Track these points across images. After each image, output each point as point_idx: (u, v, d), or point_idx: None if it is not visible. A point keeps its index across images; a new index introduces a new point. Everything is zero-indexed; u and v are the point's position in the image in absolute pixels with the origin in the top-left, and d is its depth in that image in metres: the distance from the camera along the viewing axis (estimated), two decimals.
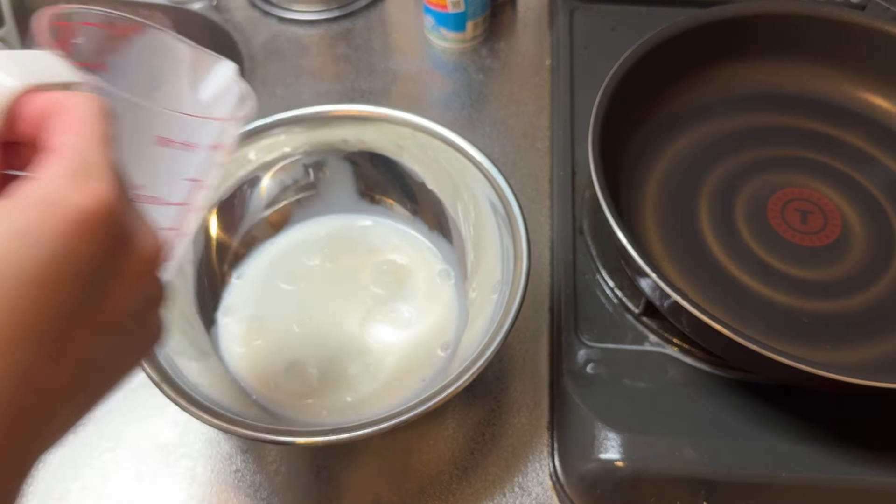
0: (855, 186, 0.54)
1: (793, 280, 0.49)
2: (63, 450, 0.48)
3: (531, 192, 0.61)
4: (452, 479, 0.47)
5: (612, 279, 0.51)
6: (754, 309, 0.48)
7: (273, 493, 0.47)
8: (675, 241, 0.52)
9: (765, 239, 0.51)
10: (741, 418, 0.45)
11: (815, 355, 0.46)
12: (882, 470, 0.43)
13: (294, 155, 0.53)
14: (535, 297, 0.54)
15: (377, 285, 0.51)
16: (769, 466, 0.43)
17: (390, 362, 0.48)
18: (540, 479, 0.47)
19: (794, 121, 0.58)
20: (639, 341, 0.49)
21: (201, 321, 0.48)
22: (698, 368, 0.47)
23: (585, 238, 0.54)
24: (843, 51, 0.58)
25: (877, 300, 0.49)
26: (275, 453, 0.48)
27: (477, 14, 0.69)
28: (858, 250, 0.51)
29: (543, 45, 0.72)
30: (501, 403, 0.50)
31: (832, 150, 0.57)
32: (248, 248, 0.53)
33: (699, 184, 0.54)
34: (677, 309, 0.42)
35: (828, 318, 0.48)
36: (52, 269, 0.21)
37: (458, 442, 0.49)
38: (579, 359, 0.48)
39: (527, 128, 0.65)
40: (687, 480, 0.43)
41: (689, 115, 0.58)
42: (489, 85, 0.69)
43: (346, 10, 0.75)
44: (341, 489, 0.47)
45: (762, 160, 0.56)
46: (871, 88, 0.58)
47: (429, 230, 0.53)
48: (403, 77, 0.70)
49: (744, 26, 0.57)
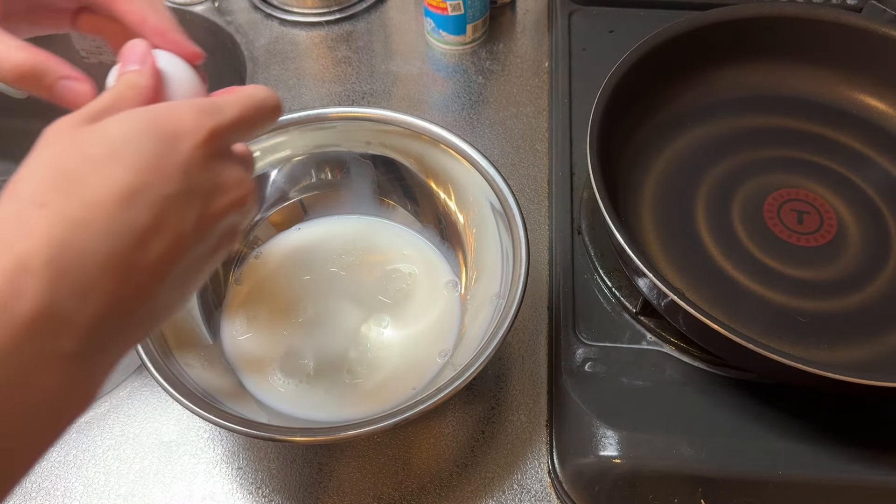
0: (851, 187, 0.55)
1: (789, 280, 0.50)
2: (66, 447, 0.49)
3: (530, 193, 0.61)
4: (452, 477, 0.48)
5: (610, 279, 0.52)
6: (751, 308, 0.49)
7: (275, 491, 0.47)
8: (673, 241, 0.52)
9: (761, 239, 0.52)
10: (738, 416, 0.45)
11: (812, 354, 0.46)
12: (878, 468, 0.43)
13: (296, 156, 0.53)
14: (534, 297, 0.55)
15: (384, 294, 0.51)
16: (766, 464, 0.43)
17: (387, 364, 0.48)
18: (538, 476, 0.48)
19: (790, 122, 0.59)
20: (636, 340, 0.49)
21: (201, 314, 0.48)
22: (695, 367, 0.48)
23: (584, 238, 0.54)
24: (839, 53, 0.58)
25: (873, 300, 0.49)
26: (276, 451, 0.49)
27: (476, 17, 0.70)
28: (854, 250, 0.51)
29: (542, 47, 0.72)
30: (501, 401, 0.50)
31: (828, 151, 0.57)
32: (250, 248, 0.53)
33: (696, 184, 0.55)
34: (675, 308, 0.42)
35: (824, 318, 0.48)
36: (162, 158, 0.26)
37: (457, 439, 0.49)
38: (577, 357, 0.48)
39: (526, 129, 0.66)
40: (684, 478, 0.44)
41: (687, 117, 0.58)
42: (488, 87, 0.69)
43: (347, 12, 0.75)
44: (342, 486, 0.47)
45: (759, 161, 0.56)
46: (868, 90, 0.59)
47: (440, 241, 0.53)
48: (404, 79, 0.70)
49: (741, 29, 0.58)
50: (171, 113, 0.27)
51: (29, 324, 0.23)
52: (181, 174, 0.26)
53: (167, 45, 0.33)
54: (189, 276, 0.29)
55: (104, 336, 0.25)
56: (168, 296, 0.28)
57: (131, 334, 0.27)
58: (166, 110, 0.28)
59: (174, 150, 0.27)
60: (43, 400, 0.24)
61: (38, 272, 0.23)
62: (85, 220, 0.24)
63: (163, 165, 0.26)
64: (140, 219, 0.25)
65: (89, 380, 0.26)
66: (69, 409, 0.25)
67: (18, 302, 0.23)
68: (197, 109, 0.28)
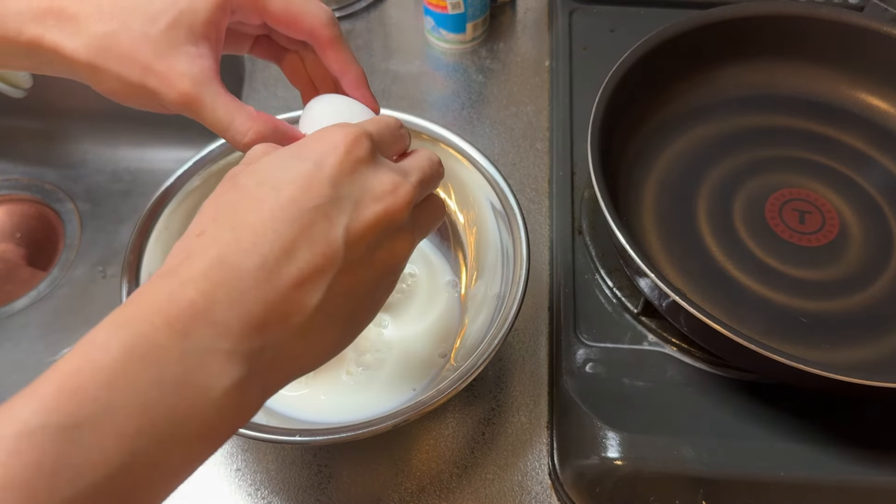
0: (852, 186, 0.55)
1: (791, 280, 0.50)
2: None
3: (531, 193, 0.61)
4: (452, 478, 0.47)
5: (611, 279, 0.51)
6: (752, 308, 0.48)
7: (273, 492, 0.47)
8: (674, 241, 0.52)
9: (763, 239, 0.51)
10: (740, 417, 0.45)
11: (814, 355, 0.46)
12: (880, 469, 0.43)
13: None
14: (535, 297, 0.54)
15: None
16: (767, 465, 0.43)
17: (387, 365, 0.48)
18: (539, 477, 0.47)
19: (792, 121, 0.59)
20: (638, 341, 0.49)
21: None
22: (697, 368, 0.48)
23: (584, 238, 0.54)
24: (841, 52, 0.58)
25: (875, 300, 0.49)
26: (275, 452, 0.49)
27: (477, 15, 0.69)
28: (856, 250, 0.51)
29: (543, 46, 0.72)
30: (501, 402, 0.50)
31: (830, 150, 0.57)
32: None
33: (698, 184, 0.55)
34: (676, 308, 0.42)
35: (826, 318, 0.48)
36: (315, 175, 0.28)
37: (457, 441, 0.49)
38: (578, 358, 0.48)
39: (526, 128, 0.65)
40: (686, 479, 0.43)
41: (688, 116, 0.58)
42: (489, 86, 0.69)
43: (346, 11, 0.75)
44: (342, 487, 0.47)
45: (760, 160, 0.56)
46: (869, 89, 0.59)
47: (440, 241, 0.53)
48: (403, 78, 0.70)
49: (742, 27, 0.57)
50: (315, 138, 0.30)
51: (189, 323, 0.25)
52: (328, 186, 0.28)
53: (357, 97, 0.37)
54: (350, 301, 0.29)
55: (259, 348, 0.26)
56: (328, 321, 0.28)
57: (288, 357, 0.28)
58: (312, 137, 0.30)
59: (319, 166, 0.28)
60: (201, 405, 0.25)
61: (195, 283, 0.26)
62: (236, 239, 0.27)
63: (309, 181, 0.28)
64: (286, 231, 0.27)
65: (243, 395, 0.26)
66: (222, 425, 0.26)
67: (177, 307, 0.25)
68: (338, 129, 0.29)
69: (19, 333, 0.62)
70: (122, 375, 0.23)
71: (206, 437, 0.25)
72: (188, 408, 0.24)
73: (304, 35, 0.36)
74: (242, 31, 0.37)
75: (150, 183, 0.71)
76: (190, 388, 0.24)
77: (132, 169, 0.73)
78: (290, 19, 0.35)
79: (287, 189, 0.27)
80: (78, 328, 0.62)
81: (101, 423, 0.23)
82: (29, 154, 0.73)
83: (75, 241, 0.68)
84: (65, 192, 0.71)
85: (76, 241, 0.68)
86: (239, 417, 0.26)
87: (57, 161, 0.73)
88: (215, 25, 0.33)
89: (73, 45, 0.32)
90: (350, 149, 0.29)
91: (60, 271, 0.66)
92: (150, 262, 0.46)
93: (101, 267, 0.67)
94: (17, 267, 0.69)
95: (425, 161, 0.32)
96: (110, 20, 0.32)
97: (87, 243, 0.68)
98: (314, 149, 0.29)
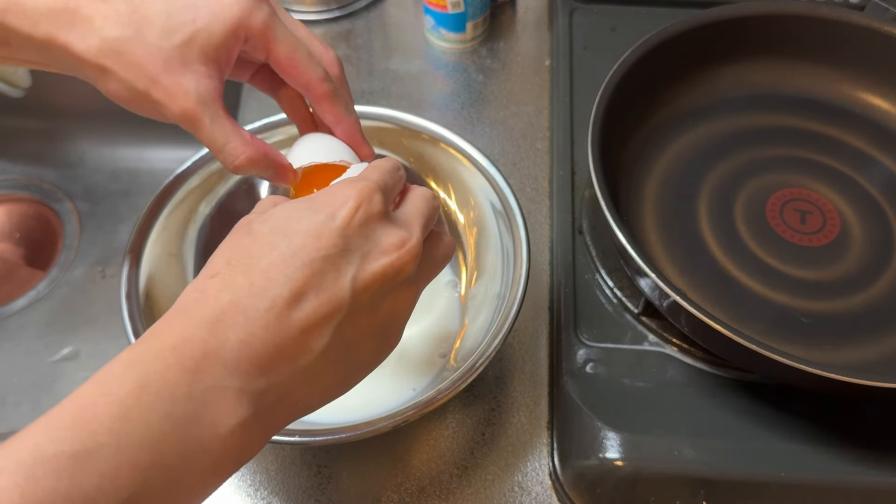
0: (853, 186, 0.54)
1: (792, 280, 0.50)
2: None
3: (531, 192, 0.61)
4: (452, 479, 0.47)
5: (612, 279, 0.51)
6: (753, 309, 0.48)
7: (273, 493, 0.47)
8: (675, 241, 0.52)
9: (764, 239, 0.51)
10: (740, 418, 0.45)
11: (815, 355, 0.46)
12: (882, 469, 0.43)
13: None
14: (535, 297, 0.54)
15: None
16: (768, 466, 0.43)
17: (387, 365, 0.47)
18: (539, 478, 0.47)
19: (792, 121, 0.58)
20: (638, 341, 0.49)
21: None
22: (697, 368, 0.47)
23: (585, 238, 0.54)
24: (842, 51, 0.58)
25: (876, 300, 0.49)
26: (275, 452, 0.49)
27: (477, 14, 0.69)
28: (857, 250, 0.51)
29: (543, 45, 0.72)
30: (501, 403, 0.50)
31: (831, 150, 0.57)
32: None
33: (698, 184, 0.55)
34: (676, 309, 0.42)
35: (827, 318, 0.48)
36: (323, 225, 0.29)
37: (457, 441, 0.49)
38: (579, 358, 0.48)
39: (526, 128, 0.65)
40: (686, 480, 0.43)
41: (688, 116, 0.58)
42: (489, 85, 0.69)
43: (345, 10, 0.75)
44: (341, 488, 0.47)
45: (761, 160, 0.56)
46: (870, 89, 0.59)
47: None
48: (403, 77, 0.70)
49: (743, 27, 0.57)
50: (328, 192, 0.31)
51: (200, 362, 0.26)
52: (338, 237, 0.29)
53: (350, 146, 0.38)
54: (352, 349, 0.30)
55: (265, 388, 0.27)
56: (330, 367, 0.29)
57: (291, 399, 0.29)
58: (325, 191, 0.31)
59: (332, 218, 0.29)
60: (209, 441, 0.26)
61: (208, 324, 0.27)
62: (248, 283, 0.28)
63: (320, 231, 0.29)
64: (295, 277, 0.28)
65: (248, 433, 0.27)
66: (227, 461, 0.27)
67: (189, 346, 0.26)
68: (352, 184, 0.31)
69: (18, 333, 0.62)
70: (136, 408, 0.24)
71: (211, 473, 0.26)
72: (197, 443, 0.25)
73: (301, 87, 0.37)
74: (247, 58, 0.38)
75: (150, 183, 0.71)
76: (200, 424, 0.25)
77: (131, 169, 0.73)
78: (290, 67, 0.36)
79: (298, 238, 0.29)
80: (77, 328, 0.62)
81: (114, 454, 0.24)
82: (28, 154, 0.73)
83: (74, 241, 0.68)
84: (64, 191, 0.71)
85: (75, 241, 0.68)
86: (242, 455, 0.27)
87: (56, 161, 0.73)
88: (227, 50, 0.34)
89: (84, 46, 0.33)
90: (361, 204, 0.30)
91: (59, 271, 0.66)
92: (149, 262, 0.46)
93: (100, 267, 0.67)
94: (16, 267, 0.69)
95: (423, 204, 0.33)
96: (126, 26, 0.33)
97: (86, 243, 0.68)
98: (327, 202, 0.30)
